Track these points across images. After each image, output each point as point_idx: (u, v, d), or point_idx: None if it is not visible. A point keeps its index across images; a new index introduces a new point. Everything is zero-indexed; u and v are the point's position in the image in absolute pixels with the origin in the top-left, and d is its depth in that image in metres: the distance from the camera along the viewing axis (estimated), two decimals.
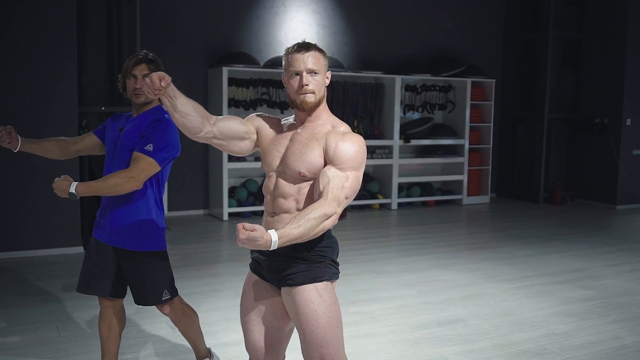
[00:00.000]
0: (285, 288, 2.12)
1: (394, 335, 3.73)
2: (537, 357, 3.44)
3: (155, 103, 2.70)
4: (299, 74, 2.07)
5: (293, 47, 2.10)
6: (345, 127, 2.13)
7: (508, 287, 4.80)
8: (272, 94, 7.74)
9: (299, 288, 2.07)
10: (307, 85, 2.06)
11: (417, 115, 8.96)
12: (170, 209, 7.52)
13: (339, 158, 2.04)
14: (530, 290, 4.71)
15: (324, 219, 1.94)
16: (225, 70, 7.18)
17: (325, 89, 2.15)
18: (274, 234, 1.83)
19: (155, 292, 2.71)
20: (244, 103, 7.55)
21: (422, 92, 8.85)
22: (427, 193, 8.86)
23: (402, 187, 8.71)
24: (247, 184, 7.73)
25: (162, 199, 2.74)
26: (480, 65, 9.31)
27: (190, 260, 5.45)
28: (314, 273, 2.09)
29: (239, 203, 7.50)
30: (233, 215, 7.51)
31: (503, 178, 9.85)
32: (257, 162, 7.44)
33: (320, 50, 2.11)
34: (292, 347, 2.47)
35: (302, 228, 1.88)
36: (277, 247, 1.84)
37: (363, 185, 8.24)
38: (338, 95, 8.15)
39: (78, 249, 5.61)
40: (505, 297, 4.55)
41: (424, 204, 8.86)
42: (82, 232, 5.75)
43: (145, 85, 1.91)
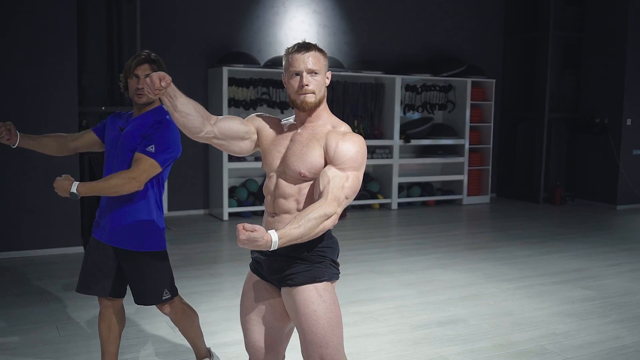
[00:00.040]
0: (285, 288, 2.12)
1: (394, 335, 3.73)
2: (537, 357, 3.44)
3: (157, 103, 2.70)
4: (299, 74, 2.07)
5: (293, 47, 2.10)
6: (346, 127, 2.13)
7: (508, 287, 4.80)
8: (272, 94, 7.74)
9: (299, 288, 2.07)
10: (307, 86, 2.06)
11: (417, 115, 8.96)
12: (170, 209, 7.53)
13: (340, 158, 2.03)
14: (531, 290, 4.71)
15: (324, 219, 1.94)
16: (226, 70, 7.18)
17: (326, 89, 2.15)
18: (274, 234, 1.83)
19: (156, 291, 2.71)
20: (244, 103, 7.55)
21: (422, 92, 8.85)
22: (427, 193, 8.86)
23: (402, 187, 8.71)
24: (247, 184, 7.73)
25: (161, 199, 2.75)
26: (481, 65, 9.31)
27: (191, 260, 5.45)
28: (314, 273, 2.09)
29: (239, 203, 7.50)
30: (233, 215, 7.51)
31: (503, 178, 9.85)
32: (257, 162, 7.44)
33: (321, 51, 2.11)
34: (292, 347, 2.47)
35: (302, 228, 1.88)
36: (277, 247, 1.84)
37: (363, 185, 8.24)
38: (338, 95, 8.15)
39: (78, 249, 5.61)
40: (506, 297, 4.55)
41: (424, 204, 8.86)
42: (82, 231, 5.75)
43: (146, 85, 1.92)
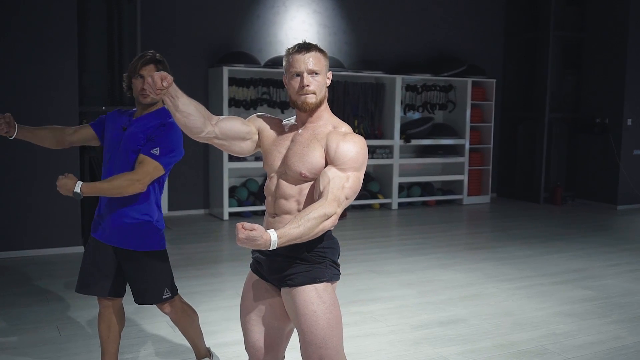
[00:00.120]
0: (285, 288, 2.12)
1: (395, 335, 3.73)
2: (537, 357, 3.44)
3: (161, 104, 2.69)
4: (300, 75, 2.07)
5: (294, 47, 2.09)
6: (347, 127, 2.13)
7: (508, 287, 4.80)
8: (272, 94, 7.74)
9: (299, 289, 2.07)
10: (308, 86, 2.06)
11: (417, 115, 8.95)
12: (171, 209, 7.52)
13: (340, 158, 2.03)
14: (531, 291, 4.71)
15: (324, 219, 1.93)
16: (226, 70, 7.18)
17: (327, 90, 2.15)
18: (274, 234, 1.83)
19: (157, 291, 2.72)
20: (245, 103, 7.55)
21: (422, 92, 8.84)
22: (427, 193, 8.86)
23: (402, 187, 8.71)
24: (247, 184, 7.73)
25: (160, 200, 2.76)
26: (481, 65, 9.30)
27: (191, 260, 5.45)
28: (314, 274, 2.09)
29: (240, 203, 7.50)
30: (233, 215, 7.51)
31: (503, 178, 9.85)
32: (257, 161, 7.44)
33: (321, 51, 2.11)
34: (292, 347, 2.47)
35: (301, 228, 1.88)
36: (276, 247, 1.84)
37: (363, 185, 8.24)
38: (339, 95, 8.15)
39: (78, 249, 5.61)
40: (506, 297, 4.55)
41: (425, 204, 8.86)
42: (82, 231, 5.74)
43: (147, 85, 1.92)
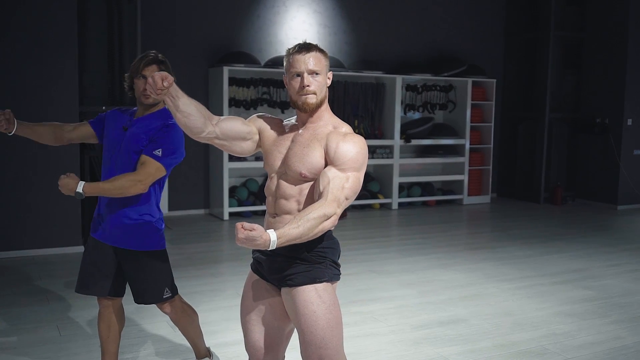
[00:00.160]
0: (285, 288, 2.12)
1: (395, 335, 3.73)
2: (538, 357, 3.44)
3: (163, 105, 2.69)
4: (300, 75, 2.07)
5: (294, 48, 2.09)
6: (347, 127, 2.13)
7: (509, 287, 4.80)
8: (272, 94, 7.74)
9: (299, 289, 2.07)
10: (308, 86, 2.06)
11: (417, 115, 8.95)
12: (171, 209, 7.52)
13: (340, 159, 2.03)
14: (531, 291, 4.71)
15: (323, 220, 1.93)
16: (226, 70, 7.18)
17: (327, 90, 2.14)
18: (273, 234, 1.83)
19: (157, 290, 2.73)
20: (245, 103, 7.55)
21: (422, 91, 8.84)
22: (427, 193, 8.85)
23: (402, 187, 8.71)
24: (247, 184, 7.73)
25: (160, 199, 2.76)
26: (481, 65, 9.30)
27: (191, 260, 5.45)
28: (314, 274, 2.09)
29: (240, 203, 7.50)
30: (233, 215, 7.51)
31: (504, 178, 9.84)
32: (257, 161, 7.44)
33: (322, 51, 2.11)
34: (292, 347, 2.47)
35: (301, 228, 1.88)
36: (275, 247, 1.84)
37: (364, 185, 8.23)
38: (339, 95, 8.15)
39: (79, 248, 5.61)
40: (506, 297, 4.55)
41: (425, 204, 8.86)
42: (82, 231, 5.75)
43: (148, 86, 1.92)
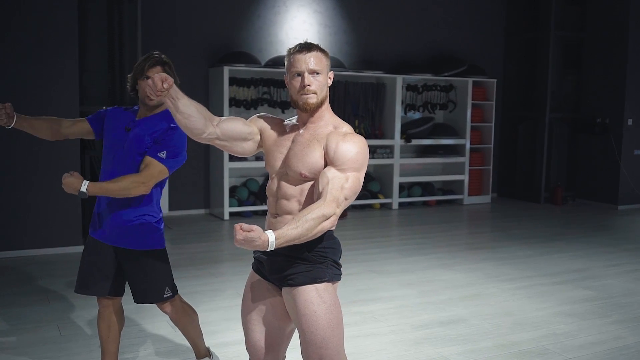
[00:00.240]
0: (286, 288, 2.12)
1: (395, 335, 3.73)
2: (538, 357, 3.44)
3: (166, 106, 2.69)
4: (301, 75, 2.06)
5: (295, 47, 2.09)
6: (348, 127, 2.12)
7: (509, 287, 4.80)
8: (273, 94, 7.74)
9: (300, 288, 2.07)
10: (309, 86, 2.06)
11: (418, 115, 8.95)
12: (171, 209, 7.52)
13: (340, 159, 2.03)
14: (531, 291, 4.71)
15: (323, 220, 1.93)
16: (226, 70, 7.18)
17: (328, 90, 2.14)
18: (272, 235, 1.83)
19: (158, 290, 2.73)
20: (245, 103, 7.55)
21: (423, 91, 8.84)
22: (428, 193, 8.85)
23: (403, 186, 8.71)
24: (248, 184, 7.73)
25: (160, 199, 2.77)
26: (482, 65, 9.30)
27: (191, 260, 5.45)
28: (315, 274, 2.08)
29: (240, 202, 7.50)
30: (234, 215, 7.51)
31: (504, 178, 9.84)
32: (258, 161, 7.44)
33: (322, 51, 2.10)
34: (292, 347, 2.47)
35: (300, 229, 1.88)
36: (274, 247, 1.84)
37: (364, 185, 8.23)
38: (339, 95, 8.15)
39: (79, 248, 5.60)
40: (506, 297, 4.55)
41: (425, 204, 8.86)
42: (83, 231, 5.75)
43: (148, 87, 1.91)
